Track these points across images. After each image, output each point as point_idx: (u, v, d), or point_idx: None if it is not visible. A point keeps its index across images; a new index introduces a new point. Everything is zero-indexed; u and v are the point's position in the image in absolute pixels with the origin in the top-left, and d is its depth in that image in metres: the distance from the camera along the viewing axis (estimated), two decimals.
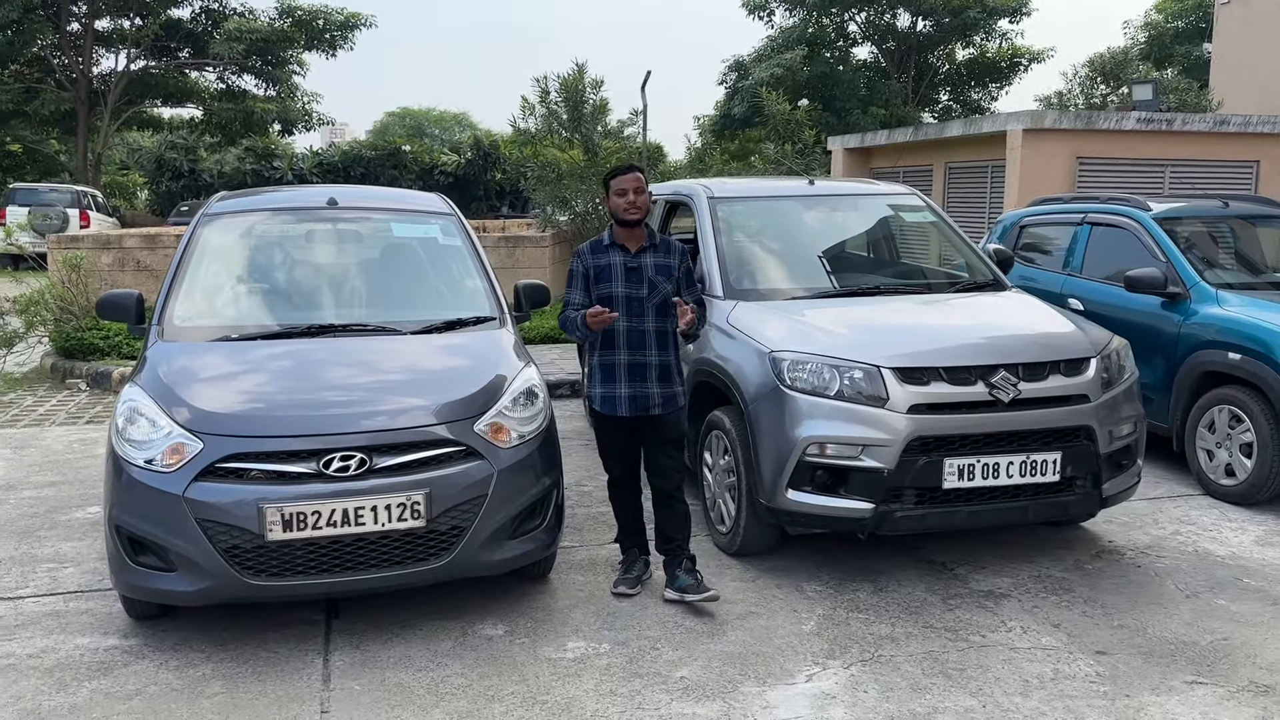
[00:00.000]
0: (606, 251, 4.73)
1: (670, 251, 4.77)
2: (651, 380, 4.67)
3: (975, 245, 6.33)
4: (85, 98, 29.23)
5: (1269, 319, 6.10)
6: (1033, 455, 4.77)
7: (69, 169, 30.73)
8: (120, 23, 30.14)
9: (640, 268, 4.68)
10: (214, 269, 5.21)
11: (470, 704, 3.84)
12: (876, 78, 35.85)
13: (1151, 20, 38.73)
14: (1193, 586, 4.95)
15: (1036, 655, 4.24)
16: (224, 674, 4.07)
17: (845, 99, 32.82)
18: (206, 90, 31.82)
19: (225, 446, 4.07)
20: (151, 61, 30.65)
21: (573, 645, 4.33)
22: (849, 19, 34.91)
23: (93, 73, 29.95)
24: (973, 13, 32.38)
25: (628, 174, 4.70)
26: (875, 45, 36.24)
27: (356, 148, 30.61)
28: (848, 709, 3.82)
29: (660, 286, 4.68)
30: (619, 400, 4.68)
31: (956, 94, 37.71)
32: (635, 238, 4.72)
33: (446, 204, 5.93)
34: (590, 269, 4.70)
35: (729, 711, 3.80)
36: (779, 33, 34.51)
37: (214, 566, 4.00)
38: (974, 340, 4.97)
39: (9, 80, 28.94)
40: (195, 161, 28.02)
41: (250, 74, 30.91)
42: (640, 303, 4.66)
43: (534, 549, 4.53)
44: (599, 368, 4.73)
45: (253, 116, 30.32)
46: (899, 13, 34.42)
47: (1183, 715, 3.77)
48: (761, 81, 31.44)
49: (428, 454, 4.21)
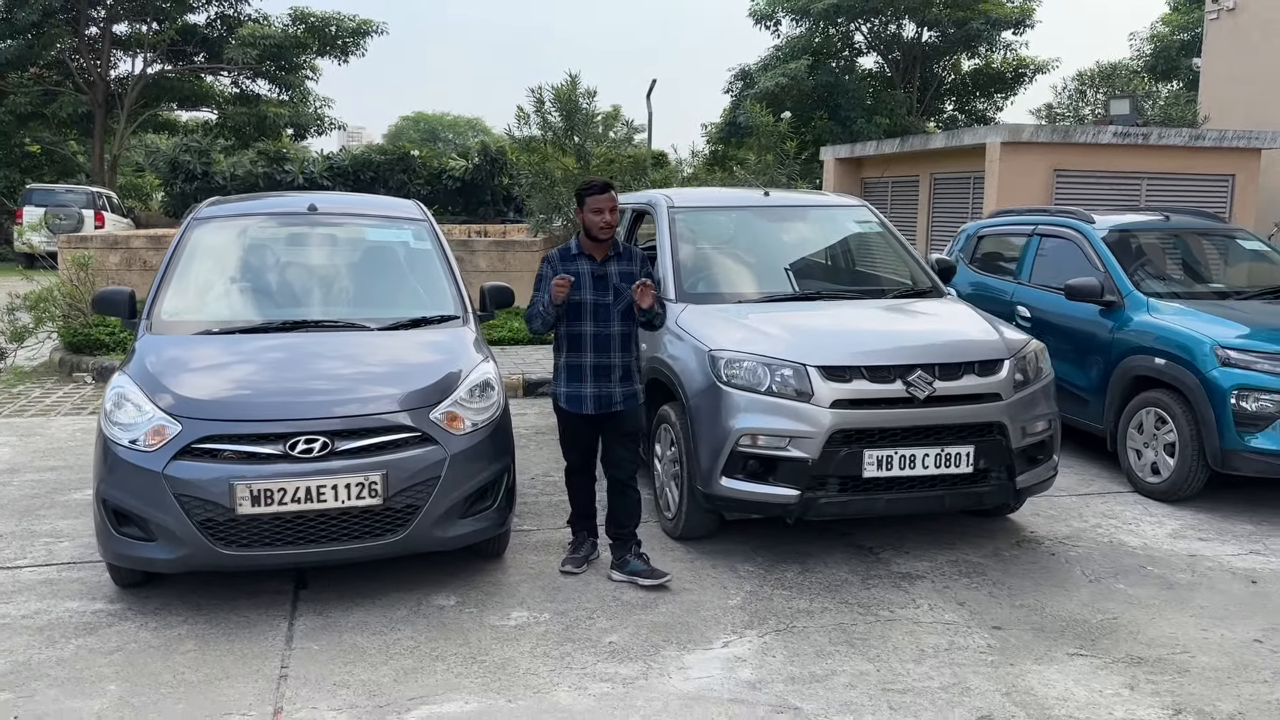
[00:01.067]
0: (575, 260, 5.05)
1: (633, 259, 5.15)
2: (615, 380, 5.05)
3: (917, 255, 6.73)
4: (102, 100, 29.85)
5: (1192, 326, 6.49)
6: (947, 448, 5.17)
7: (86, 170, 31.34)
8: (138, 27, 30.78)
9: (606, 275, 5.03)
10: (201, 268, 5.67)
11: (416, 662, 4.27)
12: (882, 87, 36.27)
13: (1157, 33, 38.97)
14: (1098, 573, 5.35)
15: (937, 629, 4.64)
16: (197, 634, 4.51)
17: (850, 108, 33.20)
18: (221, 94, 32.44)
19: (201, 429, 4.52)
20: (167, 65, 31.26)
21: (516, 614, 4.75)
22: (854, 29, 35.32)
23: (110, 76, 30.59)
24: (976, 24, 32.72)
25: (603, 193, 5.00)
26: (881, 55, 36.65)
27: (367, 152, 31.14)
28: (754, 670, 4.23)
29: (625, 293, 5.01)
30: (584, 399, 5.06)
31: (961, 104, 38.08)
32: (601, 248, 5.06)
33: (420, 210, 6.37)
34: (559, 274, 4.96)
35: (647, 671, 4.21)
36: (785, 42, 34.95)
37: (189, 537, 4.44)
38: (895, 342, 5.38)
39: (28, 83, 29.60)
40: (209, 164, 28.60)
41: (264, 79, 31.50)
42: (607, 309, 5.01)
43: (485, 527, 4.96)
44: (565, 368, 5.10)
45: (265, 121, 30.89)
46: (904, 23, 34.84)
47: (1057, 681, 4.17)
48: (766, 90, 31.91)
49: (385, 439, 4.65)
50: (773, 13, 34.64)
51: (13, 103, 28.31)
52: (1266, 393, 6.08)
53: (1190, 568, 5.43)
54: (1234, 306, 6.80)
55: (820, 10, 32.95)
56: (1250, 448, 6.10)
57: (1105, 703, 3.99)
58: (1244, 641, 4.55)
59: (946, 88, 37.54)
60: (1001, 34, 33.84)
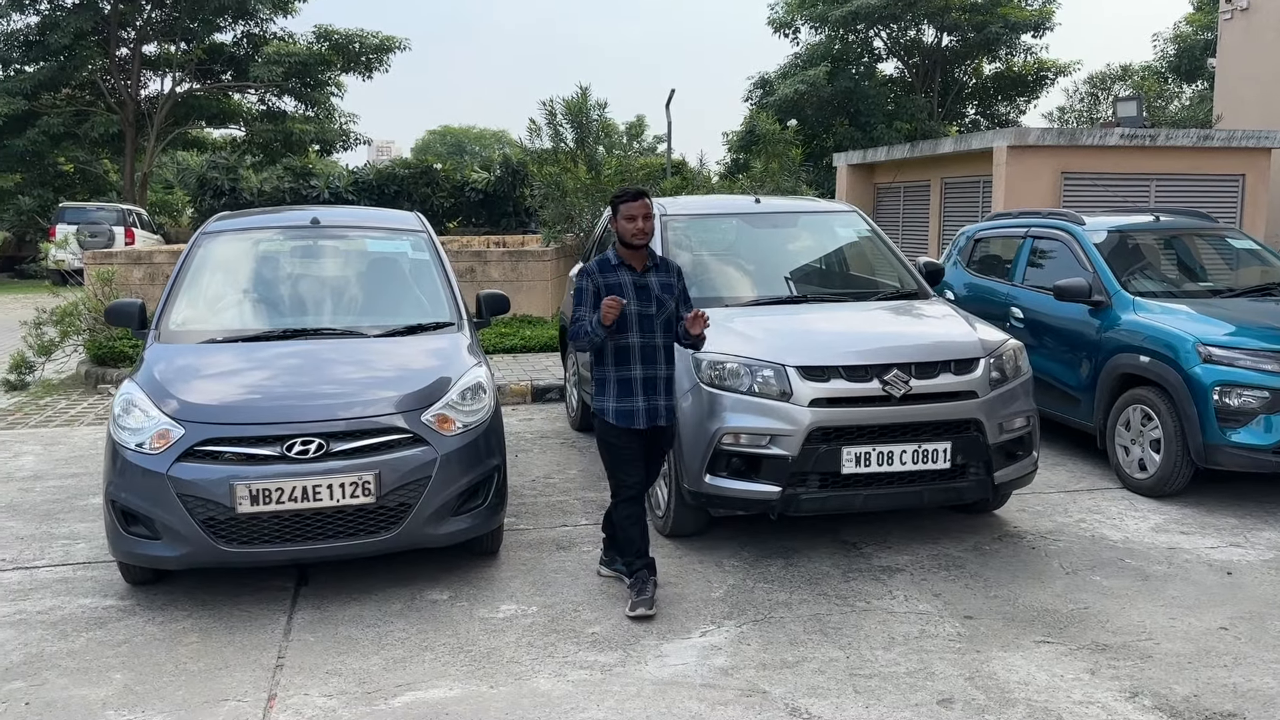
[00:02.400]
0: (615, 270, 4.91)
1: (670, 270, 5.05)
2: (660, 393, 4.91)
3: (905, 259, 6.89)
4: (133, 120, 30.45)
5: (1175, 325, 6.60)
6: (924, 444, 5.33)
7: (117, 188, 31.97)
8: (167, 47, 31.40)
9: (648, 286, 4.91)
10: (207, 280, 5.93)
11: (406, 652, 4.48)
12: (902, 93, 36.35)
13: (1180, 32, 38.77)
14: (1076, 565, 5.48)
15: (910, 618, 4.80)
16: (201, 627, 4.74)
17: (870, 114, 33.29)
18: (248, 112, 33.00)
19: (203, 432, 4.76)
20: (196, 84, 31.85)
21: (505, 608, 4.95)
22: (873, 35, 35.42)
23: (140, 96, 31.21)
24: (995, 28, 32.75)
25: (636, 200, 4.89)
26: (900, 61, 36.72)
27: (391, 166, 31.55)
28: (728, 657, 4.41)
29: (666, 304, 4.93)
30: (636, 413, 4.86)
31: (983, 108, 38.09)
32: (640, 258, 4.94)
33: (419, 222, 6.61)
34: (600, 287, 4.85)
35: (625, 659, 4.40)
36: (805, 49, 35.12)
37: (192, 535, 4.68)
38: (873, 343, 5.54)
39: (61, 103, 30.26)
40: (236, 180, 29.07)
41: (290, 96, 32.02)
42: (650, 319, 4.88)
43: (476, 525, 5.17)
44: (615, 381, 4.88)
45: (292, 137, 31.39)
46: (923, 28, 34.91)
47: (1020, 666, 4.31)
48: (785, 98, 32.11)
49: (378, 440, 4.87)
50: (791, 21, 34.83)
51: (46, 123, 28.94)
52: (1248, 389, 6.19)
53: (1168, 560, 5.55)
54: (1219, 305, 6.90)
55: (838, 17, 33.08)
56: (1232, 443, 6.20)
57: (1065, 686, 4.13)
58: (1210, 629, 4.68)
59: (968, 92, 37.57)
60: (1021, 37, 33.87)
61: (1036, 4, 34.05)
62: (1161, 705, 3.98)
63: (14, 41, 29.93)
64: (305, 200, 29.18)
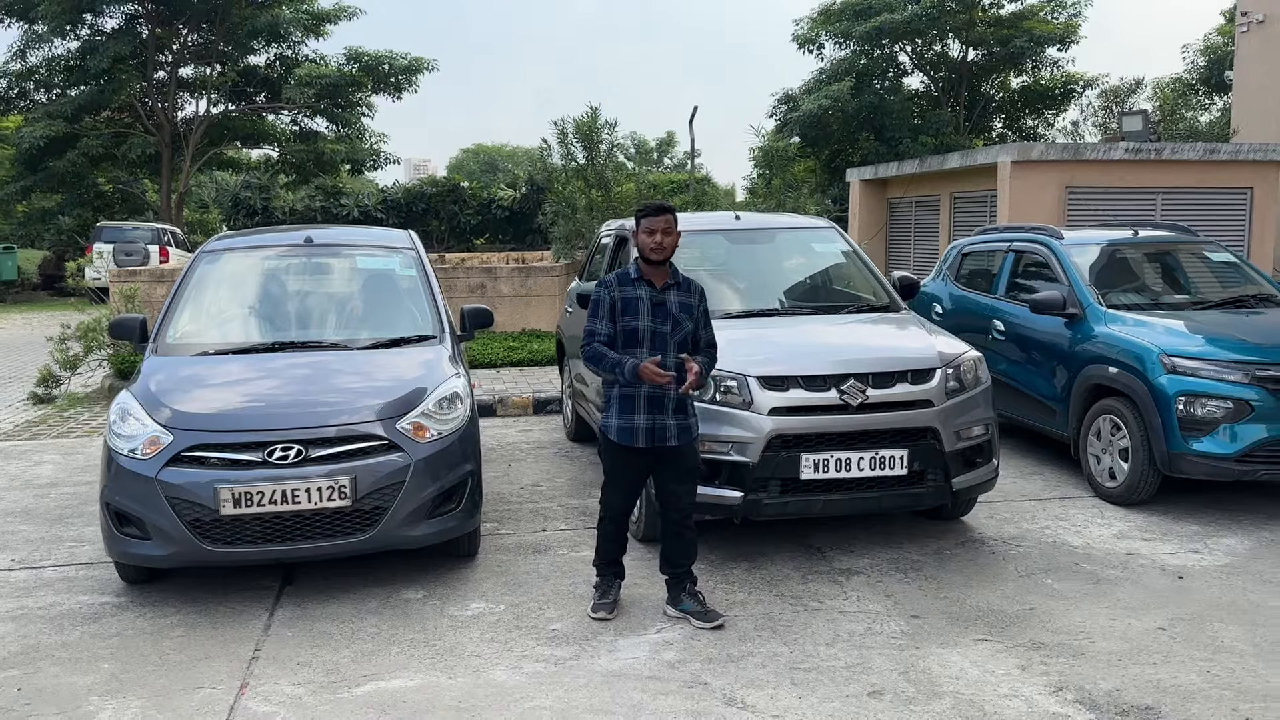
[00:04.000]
0: (634, 285, 4.87)
1: (691, 291, 4.98)
2: (668, 412, 4.84)
3: (879, 274, 7.10)
4: (169, 141, 31.21)
5: (1142, 336, 6.76)
6: (881, 451, 5.54)
7: (154, 208, 32.74)
8: (203, 70, 32.17)
9: (665, 304, 4.85)
10: (205, 296, 6.28)
11: (374, 646, 4.75)
12: (929, 107, 36.43)
13: (1211, 44, 38.56)
14: (1031, 569, 5.65)
15: (858, 617, 5.01)
16: (187, 623, 5.04)
17: (895, 129, 33.39)
18: (282, 132, 33.69)
19: (190, 439, 5.07)
20: (231, 105, 32.59)
21: (474, 606, 5.22)
22: (898, 50, 35.55)
23: (177, 117, 31.99)
24: (1020, 42, 32.78)
25: (659, 215, 4.85)
26: (926, 75, 36.80)
27: (419, 185, 32.11)
28: (678, 652, 4.64)
29: (683, 324, 4.88)
30: (636, 432, 4.82)
31: (1011, 122, 38.05)
32: (661, 274, 4.89)
33: (410, 240, 6.91)
34: (617, 300, 4.83)
35: (580, 654, 4.64)
36: (830, 65, 35.30)
37: (179, 535, 4.98)
38: (832, 354, 5.76)
39: (100, 125, 31.11)
40: (269, 199, 29.76)
41: (322, 116, 32.67)
42: (664, 338, 4.82)
43: (451, 527, 5.44)
44: (618, 398, 4.86)
45: (323, 156, 32.01)
46: (948, 43, 35.00)
47: (955, 662, 4.51)
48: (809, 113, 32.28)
49: (354, 446, 5.16)
50: (816, 37, 35.03)
51: (85, 145, 29.76)
52: (1210, 398, 6.33)
53: (1123, 565, 5.71)
54: (1190, 317, 7.04)
55: (862, 33, 33.23)
56: (1195, 451, 6.35)
57: (993, 681, 4.33)
58: (1148, 629, 4.84)
59: (995, 105, 37.56)
60: (1046, 51, 33.86)
61: (1062, 18, 34.06)
62: (1083, 699, 4.16)
63: (56, 66, 30.86)
64: (335, 218, 29.78)
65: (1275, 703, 4.12)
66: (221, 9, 29.32)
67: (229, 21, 29.86)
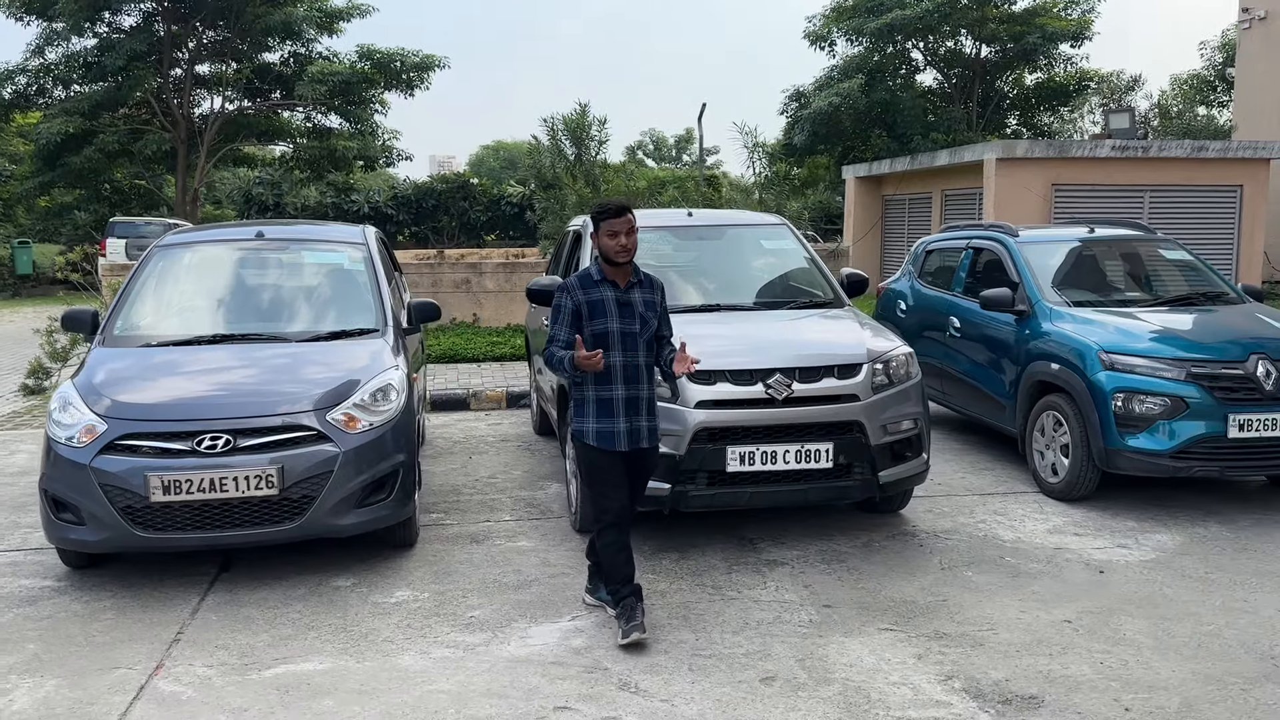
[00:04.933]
0: (598, 287, 4.77)
1: (654, 288, 4.94)
2: (643, 414, 4.79)
3: (827, 271, 7.17)
4: (185, 137, 31.59)
5: (1083, 333, 6.80)
6: (807, 445, 5.62)
7: (169, 203, 33.14)
8: (219, 67, 32.54)
9: (631, 303, 4.78)
10: (154, 289, 6.43)
11: (293, 631, 4.88)
12: (941, 104, 36.33)
13: (1229, 40, 38.18)
14: (954, 562, 5.72)
15: (771, 607, 5.09)
16: (119, 606, 5.20)
17: (907, 125, 33.32)
18: (296, 129, 34.01)
19: (123, 428, 5.22)
20: (246, 102, 32.94)
21: (400, 594, 5.34)
22: (911, 46, 35.45)
23: (194, 114, 32.36)
24: (1032, 38, 32.63)
25: (619, 216, 4.72)
26: (939, 72, 36.68)
27: (429, 182, 32.40)
28: (586, 639, 4.75)
29: (650, 322, 4.83)
30: (617, 435, 4.73)
31: (1025, 119, 37.87)
32: (623, 274, 4.80)
33: (363, 236, 7.04)
34: (581, 304, 4.73)
35: (491, 640, 4.76)
36: (842, 62, 35.25)
37: (112, 521, 5.14)
38: (760, 348, 5.85)
39: (118, 122, 31.52)
40: (280, 196, 30.10)
41: (335, 114, 32.96)
42: (634, 338, 4.75)
43: (380, 517, 5.57)
44: (595, 401, 4.75)
45: (336, 153, 32.30)
46: (961, 40, 34.88)
47: (853, 650, 4.59)
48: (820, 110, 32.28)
49: (282, 437, 5.29)
50: (828, 34, 34.99)
51: (102, 141, 30.18)
52: (1147, 395, 6.37)
53: (1048, 559, 5.76)
54: (1135, 315, 7.05)
55: (874, 30, 33.17)
56: (1130, 447, 6.39)
57: (886, 669, 4.41)
58: (1054, 622, 4.90)
59: (1009, 102, 37.39)
60: (1059, 47, 33.67)
61: (1075, 14, 33.85)
62: (969, 688, 4.24)
63: (74, 63, 31.28)
64: (346, 214, 30.06)
65: (1159, 693, 4.17)
66: (236, 7, 29.62)
67: (244, 19, 30.20)
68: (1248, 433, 6.27)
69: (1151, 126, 34.64)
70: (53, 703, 4.20)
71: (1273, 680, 4.28)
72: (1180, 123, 27.03)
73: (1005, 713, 4.03)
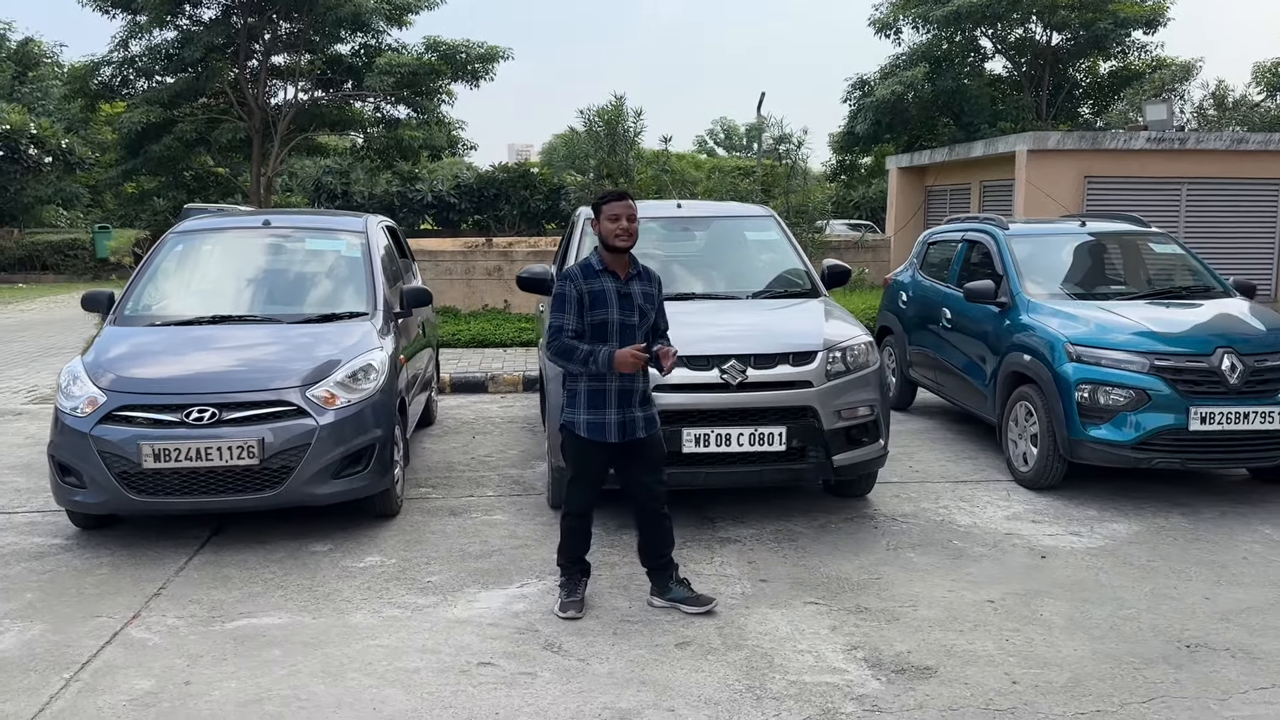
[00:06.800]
0: (599, 277, 4.78)
1: (651, 280, 4.98)
2: (636, 405, 4.85)
3: (808, 262, 7.38)
4: (260, 127, 32.63)
5: (1054, 326, 6.93)
6: (760, 428, 5.87)
7: (245, 190, 34.26)
8: (294, 58, 33.50)
9: (630, 295, 4.81)
10: (166, 272, 6.92)
11: (263, 588, 5.30)
12: (1011, 92, 35.80)
13: None
14: (901, 544, 5.92)
15: (710, 580, 5.36)
16: (114, 563, 5.67)
17: (974, 114, 32.94)
18: (367, 120, 34.87)
19: (120, 400, 5.70)
20: (319, 93, 33.86)
21: (370, 559, 5.73)
22: (980, 34, 34.99)
23: (269, 104, 33.40)
24: (1104, 24, 31.98)
25: (619, 201, 4.79)
26: (1008, 60, 36.14)
27: (491, 171, 32.95)
28: (528, 603, 5.08)
29: (648, 314, 4.89)
30: (608, 427, 4.77)
31: (1099, 107, 37.15)
32: (623, 264, 4.84)
33: (363, 224, 7.44)
34: (584, 293, 4.76)
35: (440, 603, 5.11)
36: (908, 50, 34.95)
37: (109, 485, 5.62)
38: (718, 335, 6.10)
39: (197, 112, 32.71)
40: (348, 185, 30.96)
41: (403, 104, 33.72)
42: (632, 330, 4.79)
43: (358, 488, 5.97)
44: (587, 393, 4.78)
45: (403, 143, 33.06)
46: (1031, 27, 34.32)
47: (773, 621, 4.85)
48: (883, 99, 32.10)
49: (264, 411, 5.71)
50: (894, 21, 34.71)
51: (180, 130, 31.36)
52: (1111, 386, 6.48)
53: (995, 544, 5.93)
54: (1112, 308, 7.13)
55: (941, 17, 32.81)
56: (1092, 438, 6.51)
57: (797, 638, 4.66)
58: (977, 602, 5.09)
59: (1081, 91, 36.70)
60: (1131, 34, 32.95)
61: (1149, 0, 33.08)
62: (869, 657, 4.47)
63: (156, 55, 32.51)
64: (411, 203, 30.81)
65: (1052, 669, 4.36)
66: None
67: (316, 10, 31.06)
68: (1210, 426, 6.35)
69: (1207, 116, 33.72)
70: (35, 644, 4.66)
71: (1170, 662, 4.44)
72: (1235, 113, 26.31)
73: (896, 680, 4.26)
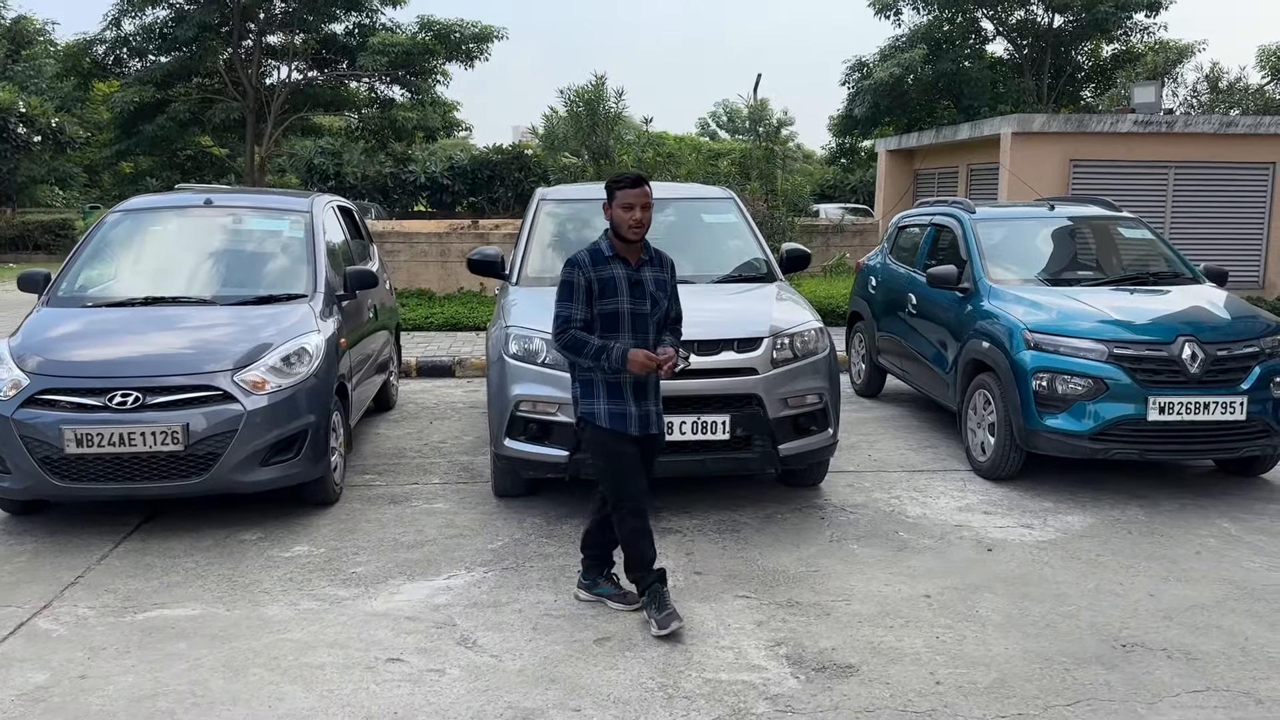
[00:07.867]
0: (608, 264, 4.52)
1: (664, 265, 4.72)
2: (651, 398, 4.64)
3: (765, 246, 7.20)
4: (254, 107, 32.43)
5: (1013, 312, 6.74)
6: (704, 417, 5.71)
7: (238, 171, 34.09)
8: (288, 38, 33.26)
9: (642, 282, 4.56)
10: (102, 253, 6.76)
11: (182, 579, 5.16)
12: (1012, 75, 35.44)
13: None
14: (845, 535, 5.77)
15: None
16: (39, 550, 5.54)
17: (975, 97, 32.62)
18: (361, 100, 34.63)
19: (43, 383, 5.55)
20: (314, 73, 33.63)
21: (297, 549, 5.59)
22: (981, 15, 34.62)
23: (263, 84, 33.18)
24: (1105, 6, 31.61)
25: (636, 187, 4.49)
26: (1010, 42, 35.77)
27: (485, 153, 32.72)
28: (451, 596, 4.93)
29: (660, 302, 4.62)
30: (630, 418, 4.55)
31: (1101, 90, 36.79)
32: (635, 251, 4.58)
33: (308, 205, 7.26)
34: (593, 281, 4.49)
35: (361, 595, 4.97)
36: (908, 31, 34.60)
37: (32, 471, 5.47)
38: None
39: (191, 91, 32.51)
40: (340, 166, 30.77)
41: (398, 85, 33.47)
42: (644, 319, 4.55)
43: (287, 475, 5.82)
44: (603, 384, 4.55)
45: (397, 124, 32.83)
46: (1032, 9, 33.94)
47: (701, 614, 4.69)
48: (881, 81, 31.80)
49: (188, 396, 5.56)
50: (894, 2, 34.35)
51: (174, 110, 31.17)
52: (1068, 375, 6.30)
53: (942, 536, 5.77)
54: (1076, 294, 6.94)
55: None
56: (1048, 428, 6.34)
57: (721, 633, 4.51)
58: (911, 596, 4.94)
59: (1083, 74, 36.35)
60: (1133, 17, 32.58)
61: None
62: (792, 655, 4.32)
63: (150, 34, 32.29)
64: (404, 184, 30.59)
65: (978, 669, 4.21)
66: None
67: None
68: (1169, 415, 6.17)
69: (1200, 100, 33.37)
70: None
71: (1102, 662, 4.28)
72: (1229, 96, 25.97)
73: (815, 679, 4.11)
